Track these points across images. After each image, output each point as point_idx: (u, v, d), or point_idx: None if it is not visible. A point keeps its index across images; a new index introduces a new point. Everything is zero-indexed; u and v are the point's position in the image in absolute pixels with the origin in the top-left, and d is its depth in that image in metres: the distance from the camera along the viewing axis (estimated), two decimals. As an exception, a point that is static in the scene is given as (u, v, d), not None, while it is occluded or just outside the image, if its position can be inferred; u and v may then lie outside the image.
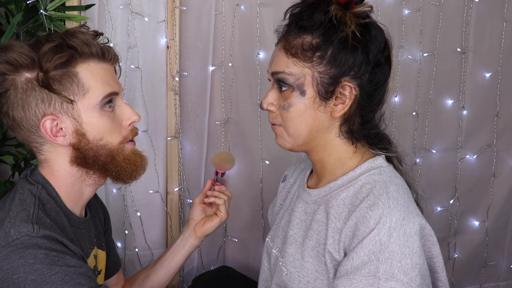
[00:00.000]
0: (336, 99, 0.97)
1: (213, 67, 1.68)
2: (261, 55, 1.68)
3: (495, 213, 1.97)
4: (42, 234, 0.90)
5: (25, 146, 1.45)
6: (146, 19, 1.59)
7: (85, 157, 1.00)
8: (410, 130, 1.85)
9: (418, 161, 1.86)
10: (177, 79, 1.64)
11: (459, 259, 1.99)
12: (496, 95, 1.87)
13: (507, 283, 2.06)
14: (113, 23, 1.56)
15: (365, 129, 1.02)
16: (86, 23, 1.43)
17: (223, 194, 1.27)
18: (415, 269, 0.87)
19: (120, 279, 1.33)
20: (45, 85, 0.95)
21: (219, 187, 1.27)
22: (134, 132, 1.07)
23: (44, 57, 0.95)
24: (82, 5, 1.46)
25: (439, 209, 1.92)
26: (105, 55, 1.02)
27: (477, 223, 1.97)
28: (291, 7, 0.99)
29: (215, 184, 1.27)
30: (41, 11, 1.31)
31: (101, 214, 1.24)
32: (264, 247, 1.20)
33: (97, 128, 0.99)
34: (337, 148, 1.02)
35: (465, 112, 1.86)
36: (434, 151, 1.87)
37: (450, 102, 1.85)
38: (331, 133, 1.01)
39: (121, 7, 1.56)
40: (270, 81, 1.03)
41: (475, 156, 1.91)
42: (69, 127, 0.98)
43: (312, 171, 1.13)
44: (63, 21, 1.40)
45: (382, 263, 0.87)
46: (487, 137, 1.91)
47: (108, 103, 1.01)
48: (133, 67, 1.61)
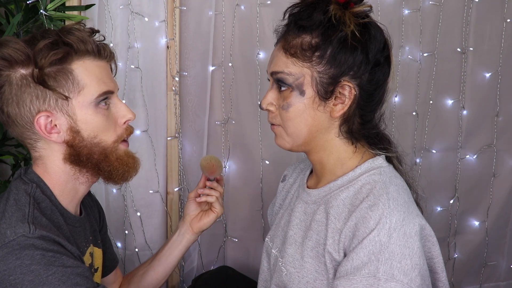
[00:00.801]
0: (335, 99, 0.97)
1: (213, 67, 1.68)
2: (261, 55, 1.68)
3: (495, 213, 1.97)
4: (38, 234, 0.90)
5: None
6: (146, 19, 1.59)
7: (79, 154, 1.00)
8: (410, 130, 1.84)
9: (418, 161, 1.86)
10: (177, 79, 1.64)
11: (459, 259, 1.99)
12: (496, 95, 1.87)
13: (507, 283, 2.06)
14: (113, 23, 1.56)
15: (365, 129, 1.02)
16: (85, 23, 1.43)
17: (214, 190, 1.25)
18: (415, 269, 0.87)
19: (118, 276, 1.33)
20: (40, 81, 0.94)
21: (210, 183, 1.25)
22: (129, 130, 1.06)
23: (39, 54, 0.94)
24: (82, 5, 1.46)
25: (439, 209, 1.92)
26: (101, 53, 1.01)
27: (477, 223, 1.97)
28: (290, 7, 0.99)
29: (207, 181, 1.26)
30: (41, 11, 1.31)
31: (96, 211, 1.23)
32: (263, 247, 1.20)
33: (92, 125, 0.99)
34: (337, 148, 1.02)
35: (465, 112, 1.86)
36: (434, 151, 1.87)
37: (450, 102, 1.85)
38: (331, 133, 1.01)
39: (121, 7, 1.56)
40: (269, 81, 1.03)
41: (475, 156, 1.91)
42: (64, 124, 0.98)
43: (311, 171, 1.13)
44: (63, 21, 1.39)
45: (382, 264, 0.87)
46: (487, 137, 1.91)
47: (103, 100, 1.00)
48: (133, 67, 1.60)
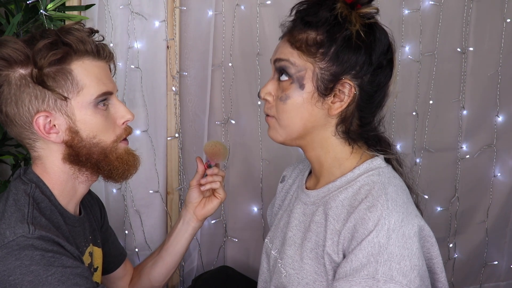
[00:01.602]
0: (334, 96, 0.97)
1: (213, 67, 1.68)
2: (261, 55, 1.68)
3: (495, 213, 1.97)
4: (38, 235, 0.90)
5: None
6: (146, 19, 1.58)
7: (78, 154, 1.00)
8: (410, 130, 1.84)
9: (418, 161, 1.86)
10: (177, 79, 1.64)
11: (459, 259, 1.99)
12: (496, 95, 1.87)
13: (507, 283, 2.06)
14: (113, 23, 1.56)
15: (363, 131, 1.02)
16: (85, 23, 1.43)
17: (216, 176, 1.25)
18: (414, 270, 0.87)
19: (128, 269, 1.33)
20: (39, 81, 0.94)
21: (211, 171, 1.24)
22: (128, 131, 1.06)
23: (38, 54, 0.94)
24: (82, 5, 1.46)
25: (439, 209, 1.92)
26: (100, 53, 1.01)
27: (477, 223, 1.97)
28: (298, 4, 0.99)
29: (207, 169, 1.25)
30: (41, 11, 1.31)
31: (97, 209, 1.23)
32: (263, 248, 1.20)
33: (91, 126, 0.99)
34: (334, 147, 1.01)
35: (465, 112, 1.86)
36: (434, 151, 1.87)
37: (450, 102, 1.85)
38: (327, 131, 1.00)
39: (121, 7, 1.56)
40: (272, 71, 1.03)
41: (475, 156, 1.91)
42: (62, 124, 0.98)
43: (310, 172, 1.13)
44: (63, 21, 1.39)
45: (381, 265, 0.87)
46: (487, 137, 1.91)
47: (102, 101, 1.00)
48: (133, 67, 1.60)
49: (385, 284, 0.86)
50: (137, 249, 1.72)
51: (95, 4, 1.48)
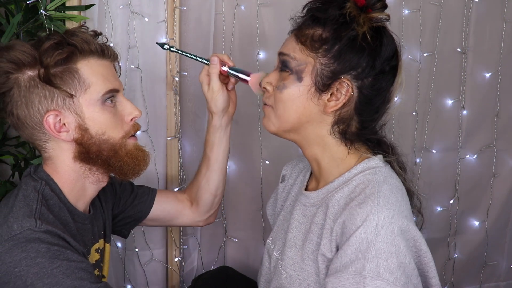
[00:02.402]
0: (331, 95, 0.97)
1: (213, 67, 1.68)
2: (261, 55, 1.68)
3: (495, 213, 1.97)
4: (44, 229, 0.92)
5: (25, 146, 1.46)
6: (146, 19, 1.58)
7: (88, 152, 1.02)
8: (410, 130, 1.84)
9: (418, 161, 1.86)
10: (177, 79, 1.64)
11: (459, 259, 1.99)
12: (496, 95, 1.87)
13: (507, 283, 2.06)
14: (113, 23, 1.56)
15: (362, 134, 1.02)
16: (85, 23, 1.44)
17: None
18: (400, 268, 0.87)
19: (177, 199, 1.38)
20: (46, 80, 0.97)
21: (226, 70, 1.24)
22: (136, 127, 1.09)
23: (45, 54, 0.97)
24: (82, 5, 1.46)
25: (439, 209, 1.92)
26: (105, 52, 1.04)
27: (477, 223, 1.97)
28: (310, 2, 1.01)
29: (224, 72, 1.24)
30: (41, 11, 1.31)
31: (109, 199, 1.24)
32: (265, 249, 1.20)
33: (100, 123, 1.02)
34: (330, 146, 1.02)
35: (465, 112, 1.86)
36: (434, 151, 1.87)
37: (450, 102, 1.85)
38: (323, 129, 1.01)
39: (121, 7, 1.56)
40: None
41: (475, 156, 1.91)
42: (72, 123, 1.00)
43: (311, 173, 1.13)
44: (63, 21, 1.39)
45: (368, 262, 0.87)
46: (487, 137, 1.91)
47: (109, 98, 1.03)
48: (133, 67, 1.60)
49: (372, 280, 0.86)
50: (137, 249, 1.72)
51: (95, 4, 1.48)
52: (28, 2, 1.32)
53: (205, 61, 1.26)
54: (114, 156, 1.04)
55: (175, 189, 1.72)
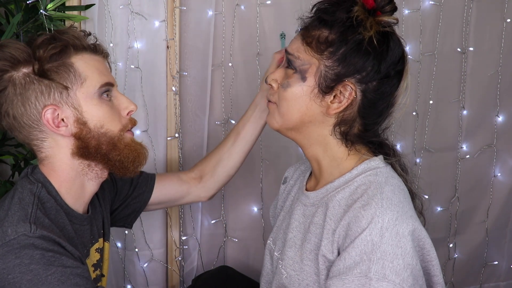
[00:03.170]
0: (334, 97, 0.97)
1: (213, 67, 1.68)
2: (261, 55, 1.68)
3: (495, 213, 1.97)
4: (39, 234, 0.90)
5: (25, 146, 1.46)
6: (146, 19, 1.58)
7: (87, 146, 1.02)
8: (410, 130, 1.84)
9: (418, 161, 1.86)
10: (177, 79, 1.64)
11: (459, 259, 1.99)
12: (496, 95, 1.87)
13: (507, 283, 2.06)
14: (113, 23, 1.56)
15: (364, 137, 1.02)
16: (85, 23, 1.44)
17: None
18: (407, 269, 0.87)
19: (178, 181, 1.36)
20: (41, 73, 0.97)
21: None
22: (133, 121, 1.09)
23: (38, 48, 0.98)
24: (82, 5, 1.46)
25: (439, 209, 1.92)
26: (97, 48, 1.05)
27: (477, 223, 1.97)
28: (319, 2, 1.01)
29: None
30: (41, 11, 1.31)
31: (107, 198, 1.23)
32: (266, 249, 1.20)
33: (97, 116, 1.01)
34: (331, 146, 1.02)
35: (465, 112, 1.86)
36: (434, 151, 1.87)
37: (450, 102, 1.85)
38: (325, 129, 1.01)
39: (121, 7, 1.56)
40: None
41: (475, 156, 1.91)
42: (70, 117, 1.00)
43: (311, 173, 1.13)
44: (63, 21, 1.39)
45: (374, 264, 0.87)
46: (487, 137, 1.91)
47: (105, 92, 1.03)
48: (133, 67, 1.60)
49: (378, 282, 0.86)
50: (137, 249, 1.72)
51: (95, 4, 1.48)
52: (28, 2, 1.32)
53: None
54: (113, 149, 1.03)
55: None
